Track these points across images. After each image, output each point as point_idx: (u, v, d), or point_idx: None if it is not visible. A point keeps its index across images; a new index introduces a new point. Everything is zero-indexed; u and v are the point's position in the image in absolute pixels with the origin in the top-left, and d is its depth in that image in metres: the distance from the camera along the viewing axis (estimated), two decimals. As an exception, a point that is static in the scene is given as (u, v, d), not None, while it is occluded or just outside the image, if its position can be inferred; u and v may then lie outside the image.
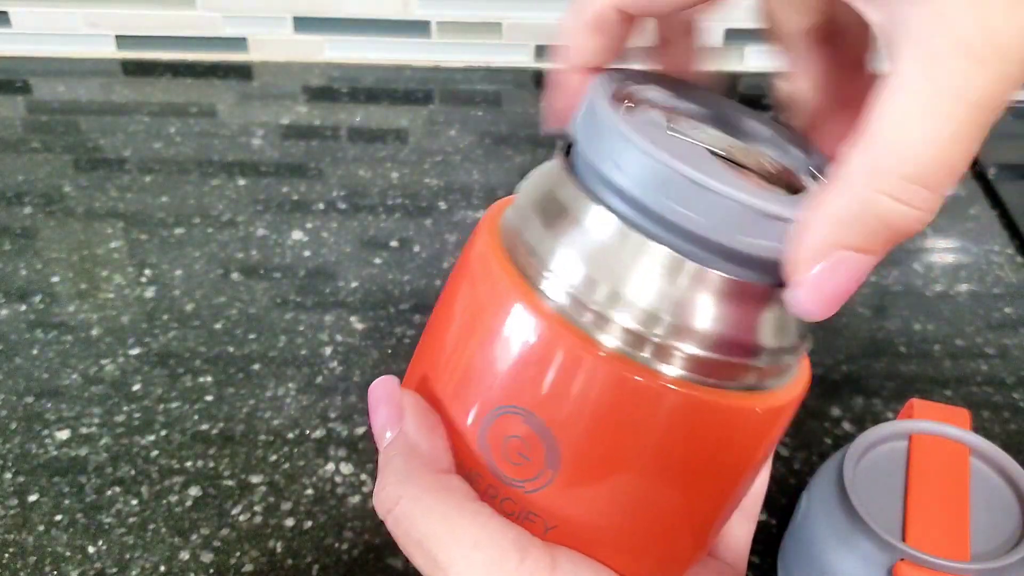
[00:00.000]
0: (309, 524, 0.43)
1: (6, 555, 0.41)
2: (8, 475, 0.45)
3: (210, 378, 0.50)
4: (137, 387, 0.49)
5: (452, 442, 0.24)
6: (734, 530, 0.28)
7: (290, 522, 0.43)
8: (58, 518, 0.43)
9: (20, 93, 0.74)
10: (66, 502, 0.43)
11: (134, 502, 0.44)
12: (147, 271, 0.57)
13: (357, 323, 0.54)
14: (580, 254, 0.21)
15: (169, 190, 0.63)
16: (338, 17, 0.76)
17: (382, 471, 0.24)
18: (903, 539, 0.36)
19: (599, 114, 0.21)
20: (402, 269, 0.58)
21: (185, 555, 0.41)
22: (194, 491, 0.44)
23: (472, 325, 0.23)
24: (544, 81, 0.24)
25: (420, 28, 0.77)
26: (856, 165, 0.19)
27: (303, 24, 0.77)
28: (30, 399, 0.48)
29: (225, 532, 0.42)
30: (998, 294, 0.58)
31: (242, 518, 0.43)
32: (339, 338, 0.53)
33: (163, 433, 0.47)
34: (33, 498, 0.44)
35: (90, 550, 0.42)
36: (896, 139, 0.18)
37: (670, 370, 0.21)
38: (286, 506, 0.44)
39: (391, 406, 0.24)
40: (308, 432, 0.47)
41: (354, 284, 0.56)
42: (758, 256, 0.20)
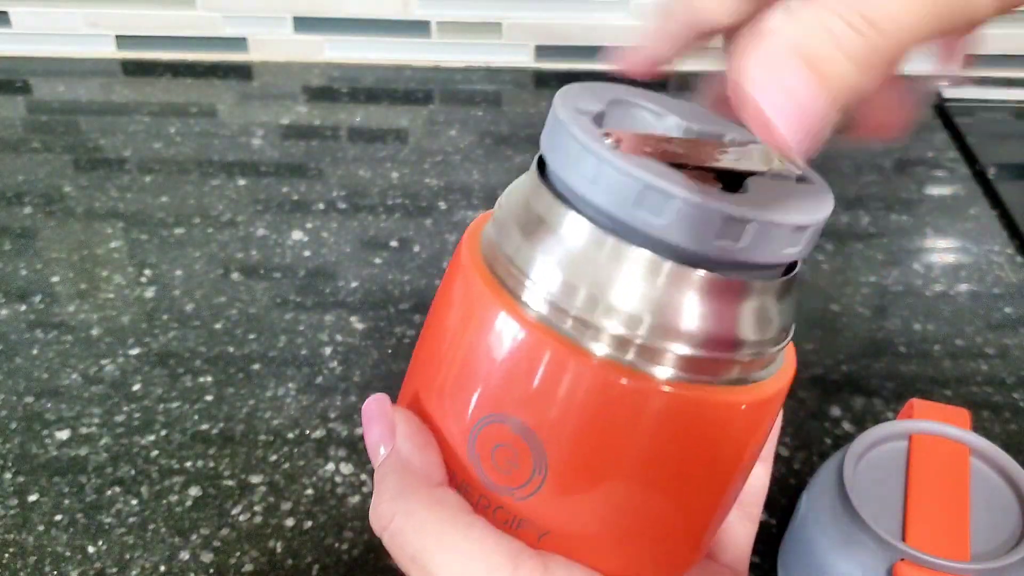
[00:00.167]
0: (309, 524, 0.43)
1: (6, 555, 0.41)
2: (8, 475, 0.45)
3: (210, 378, 0.50)
4: (137, 387, 0.49)
5: (445, 455, 0.24)
6: (734, 531, 0.28)
7: (290, 522, 0.43)
8: (58, 518, 0.43)
9: (20, 93, 0.74)
10: (66, 502, 0.43)
11: (134, 502, 0.44)
12: (147, 271, 0.57)
13: (357, 323, 0.54)
14: (558, 261, 0.21)
15: (169, 190, 0.63)
16: (338, 17, 0.76)
17: (377, 489, 0.24)
18: (903, 539, 0.36)
19: (563, 127, 0.21)
20: (402, 269, 0.58)
21: (185, 555, 0.41)
22: (194, 491, 0.44)
23: (457, 339, 0.23)
24: (544, 81, 0.25)
25: (420, 28, 0.77)
26: None
27: (303, 24, 0.77)
28: (30, 399, 0.48)
29: (225, 532, 0.42)
30: (998, 294, 0.58)
31: (242, 518, 0.43)
32: (339, 338, 0.53)
33: (163, 433, 0.47)
34: (33, 498, 0.44)
35: (90, 550, 0.42)
36: None
37: (654, 370, 0.21)
38: (286, 506, 0.44)
39: (383, 423, 0.24)
40: (308, 432, 0.47)
41: (354, 284, 0.56)
42: (729, 258, 0.20)
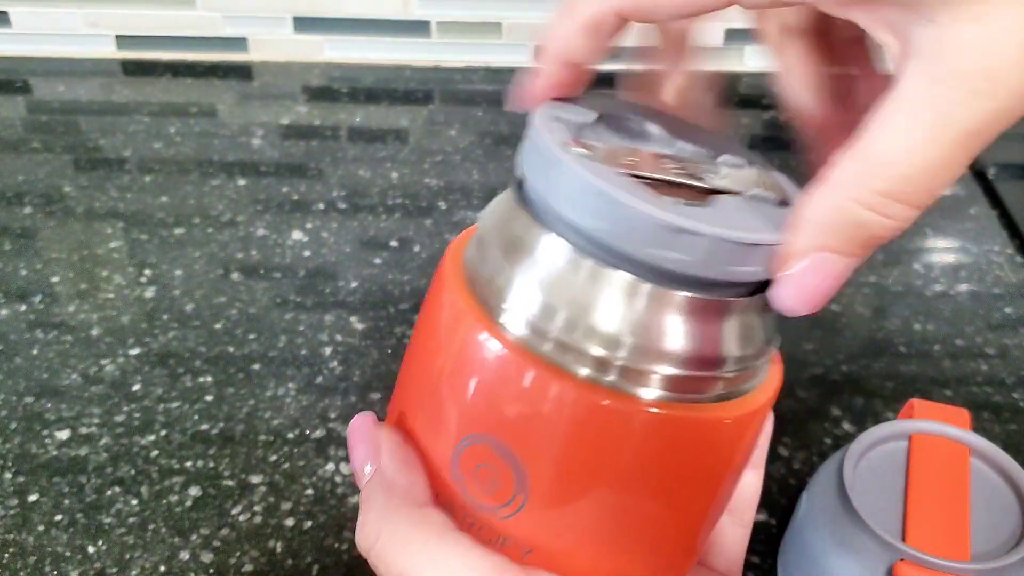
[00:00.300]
0: (309, 524, 0.43)
1: (6, 555, 0.41)
2: (8, 475, 0.45)
3: (210, 378, 0.50)
4: (137, 387, 0.49)
5: (429, 475, 0.24)
6: (726, 536, 0.28)
7: (290, 522, 0.43)
8: (58, 518, 0.43)
9: (20, 93, 0.74)
10: (66, 502, 0.43)
11: (134, 502, 0.44)
12: (147, 271, 0.57)
13: (357, 323, 0.54)
14: (537, 283, 0.21)
15: (169, 190, 0.63)
16: (338, 17, 0.76)
17: (362, 509, 0.24)
18: (903, 539, 0.36)
19: (541, 147, 0.21)
20: (402, 269, 0.58)
21: (185, 555, 0.41)
22: (194, 491, 0.44)
23: (439, 359, 0.23)
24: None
25: (420, 28, 0.77)
26: (844, 172, 0.19)
27: (303, 24, 0.77)
28: (30, 399, 0.48)
29: (225, 532, 0.42)
30: (998, 294, 0.58)
31: (242, 518, 0.43)
32: (339, 338, 0.53)
33: (163, 433, 0.47)
34: (33, 498, 0.44)
35: (90, 550, 0.42)
36: (885, 155, 0.19)
37: (637, 391, 0.21)
38: (286, 506, 0.44)
39: (368, 443, 0.25)
40: (308, 432, 0.47)
41: (354, 284, 0.56)
42: (683, 272, 0.20)
